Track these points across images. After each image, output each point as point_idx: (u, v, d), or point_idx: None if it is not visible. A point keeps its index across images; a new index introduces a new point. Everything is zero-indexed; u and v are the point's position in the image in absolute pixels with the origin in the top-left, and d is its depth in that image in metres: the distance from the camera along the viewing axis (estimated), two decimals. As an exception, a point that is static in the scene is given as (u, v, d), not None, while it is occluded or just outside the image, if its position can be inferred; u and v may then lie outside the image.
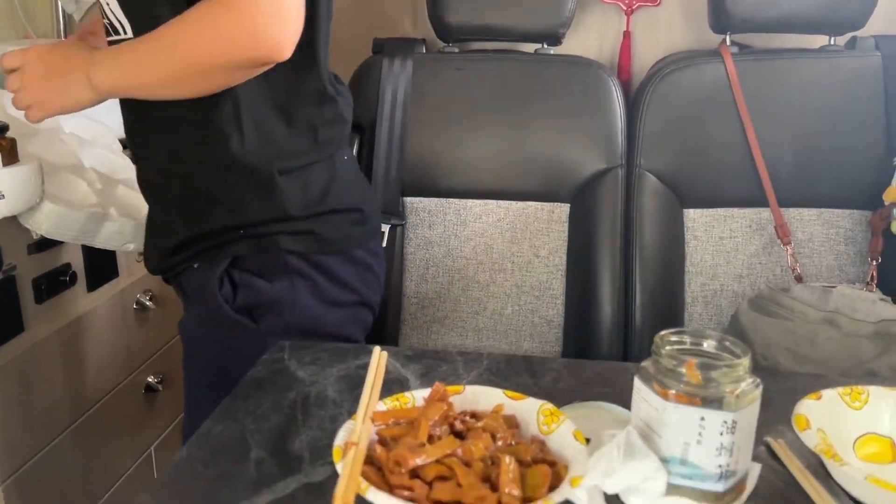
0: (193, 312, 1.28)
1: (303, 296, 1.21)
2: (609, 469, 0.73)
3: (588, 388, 1.07)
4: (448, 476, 0.76)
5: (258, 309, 1.21)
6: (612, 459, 0.74)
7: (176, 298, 1.41)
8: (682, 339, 0.84)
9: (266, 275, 1.20)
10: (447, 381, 1.08)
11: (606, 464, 0.74)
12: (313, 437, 0.94)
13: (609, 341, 1.80)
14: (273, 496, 0.82)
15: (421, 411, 0.83)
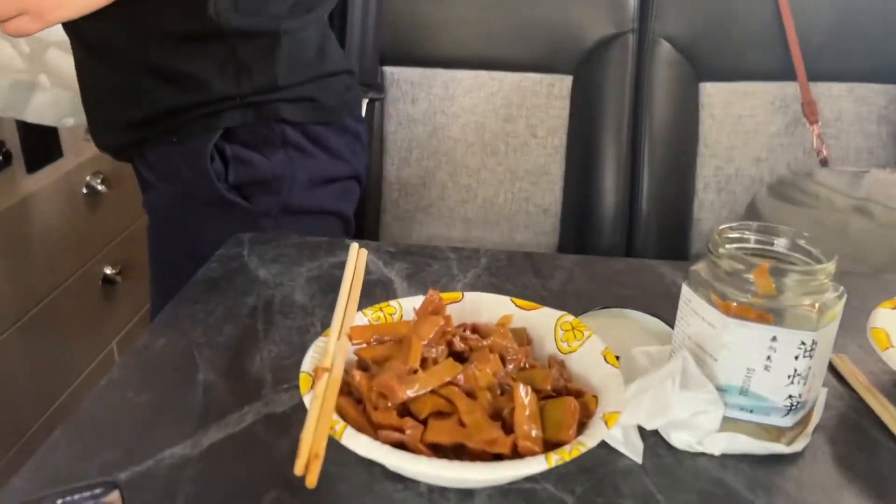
0: (164, 192, 1.15)
1: (301, 171, 1.11)
2: (661, 406, 0.57)
3: (605, 291, 0.90)
4: (447, 412, 0.59)
5: (252, 187, 1.10)
6: (664, 395, 0.57)
7: (133, 181, 1.22)
8: (746, 235, 0.66)
9: (262, 149, 1.09)
10: (440, 285, 0.91)
11: (656, 400, 0.57)
12: (277, 355, 0.76)
13: (611, 233, 1.63)
14: (224, 431, 0.65)
15: (411, 327, 0.66)
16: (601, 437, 0.56)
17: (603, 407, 0.60)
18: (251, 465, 0.62)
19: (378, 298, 0.87)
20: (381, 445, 0.55)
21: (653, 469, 0.62)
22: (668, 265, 0.96)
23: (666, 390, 0.57)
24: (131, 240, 2.02)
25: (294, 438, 0.60)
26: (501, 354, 0.66)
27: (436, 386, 0.60)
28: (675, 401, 0.56)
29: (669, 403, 0.56)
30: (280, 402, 0.69)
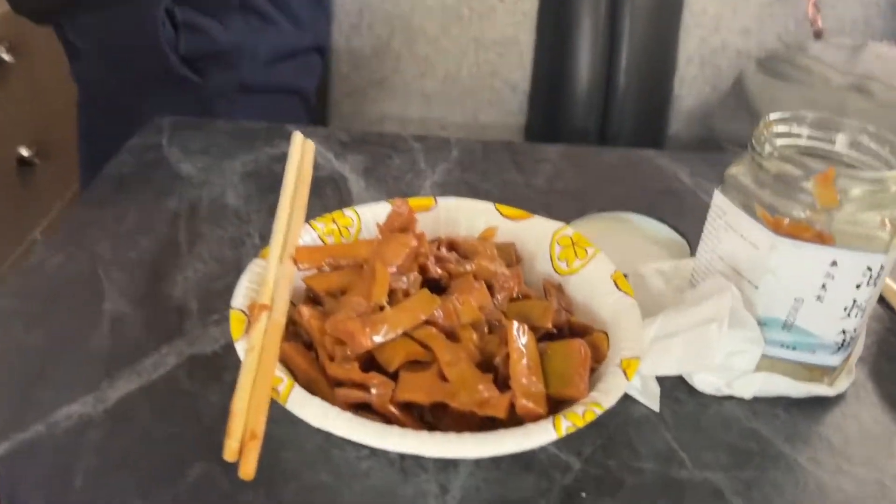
0: (99, 63, 0.98)
1: (261, 42, 0.97)
2: (698, 356, 0.45)
3: (599, 189, 0.77)
4: (424, 360, 0.46)
5: (206, 60, 0.95)
6: (704, 342, 0.45)
7: (49, 48, 1.03)
8: (795, 129, 0.52)
9: (218, 14, 0.94)
10: (404, 183, 0.75)
11: (691, 346, 0.45)
12: (205, 276, 0.62)
13: (585, 112, 1.47)
14: (137, 381, 0.52)
15: (374, 249, 0.51)
16: (620, 392, 0.44)
17: (617, 349, 0.48)
18: (172, 426, 0.48)
19: (329, 201, 0.72)
20: (339, 412, 0.42)
21: (673, 419, 0.51)
22: (668, 156, 0.83)
23: (709, 337, 0.44)
24: (50, 116, 1.79)
25: (229, 388, 0.47)
26: (488, 281, 0.52)
27: (408, 327, 0.47)
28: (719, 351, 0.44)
29: (712, 354, 0.44)
30: (209, 338, 0.55)
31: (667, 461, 0.48)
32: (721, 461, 0.48)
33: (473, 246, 0.57)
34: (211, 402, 0.50)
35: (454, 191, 0.74)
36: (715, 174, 0.78)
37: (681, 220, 0.69)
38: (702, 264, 0.54)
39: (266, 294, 0.49)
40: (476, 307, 0.50)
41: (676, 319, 0.47)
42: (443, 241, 0.58)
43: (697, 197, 0.76)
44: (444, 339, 0.47)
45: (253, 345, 0.44)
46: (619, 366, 0.45)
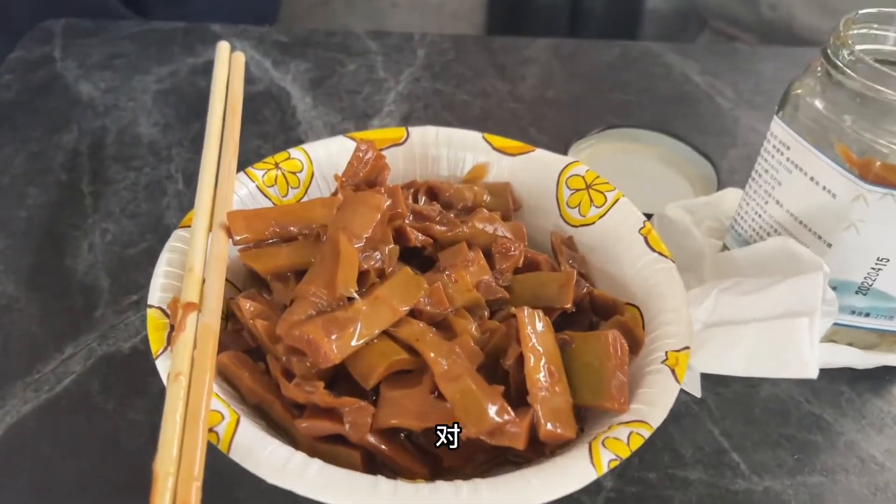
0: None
1: None
2: (784, 358, 0.34)
3: (599, 97, 0.64)
4: (410, 369, 0.35)
5: None
6: (793, 345, 0.34)
7: None
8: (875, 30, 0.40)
9: None
10: (364, 101, 0.61)
11: (776, 348, 0.34)
12: (117, 239, 0.48)
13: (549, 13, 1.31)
14: (34, 397, 0.39)
15: (337, 216, 0.38)
16: (670, 402, 0.34)
17: (657, 335, 0.37)
18: (82, 461, 0.37)
19: (268, 126, 0.58)
20: (304, 463, 0.31)
21: (718, 407, 0.41)
22: (676, 51, 0.70)
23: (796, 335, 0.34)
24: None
25: (157, 400, 0.36)
26: (485, 247, 0.40)
27: (387, 325, 0.35)
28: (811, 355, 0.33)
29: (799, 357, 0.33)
30: (126, 330, 0.43)
31: (717, 467, 0.38)
32: (782, 462, 0.39)
33: (460, 192, 0.45)
34: (134, 422, 0.39)
35: (424, 106, 0.61)
36: (732, 72, 0.65)
37: (698, 134, 0.58)
38: (750, 211, 0.43)
39: (193, 285, 0.36)
40: (472, 285, 0.38)
41: (739, 301, 0.36)
42: (419, 185, 0.46)
43: (714, 102, 0.64)
44: (435, 340, 0.35)
45: (179, 370, 0.32)
46: (665, 362, 0.35)
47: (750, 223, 0.43)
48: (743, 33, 1.32)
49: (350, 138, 0.46)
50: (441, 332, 0.37)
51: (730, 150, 0.59)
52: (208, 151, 0.43)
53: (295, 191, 0.45)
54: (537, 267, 0.41)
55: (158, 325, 0.35)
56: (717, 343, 0.35)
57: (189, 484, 0.29)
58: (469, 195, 0.45)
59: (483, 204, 0.45)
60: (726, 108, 0.63)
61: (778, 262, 0.37)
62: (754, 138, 0.60)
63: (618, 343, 0.35)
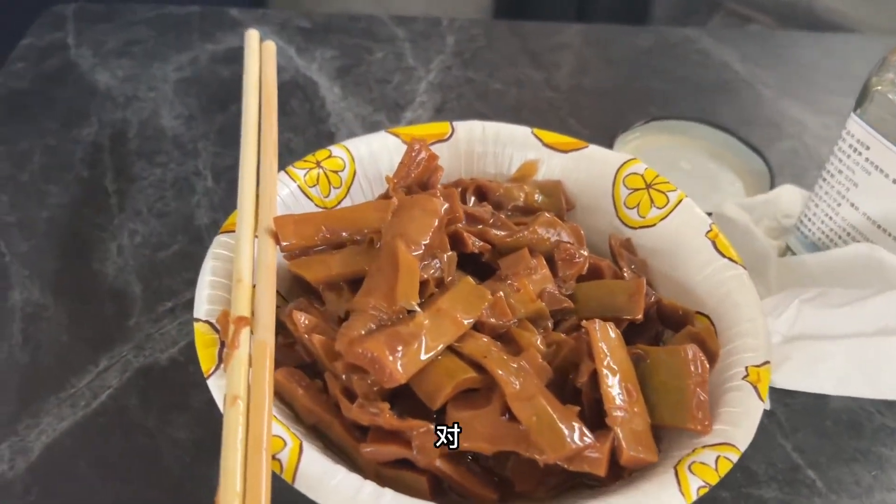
0: None
1: None
2: (881, 379, 0.32)
3: (637, 86, 0.61)
4: (476, 388, 0.33)
5: None
6: (890, 365, 0.32)
7: None
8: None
9: None
10: (395, 91, 0.58)
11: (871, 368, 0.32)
12: (146, 241, 0.46)
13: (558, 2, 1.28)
14: (68, 416, 0.37)
15: (392, 222, 0.36)
16: (755, 422, 0.32)
17: (732, 348, 0.35)
18: (124, 484, 0.35)
19: (297, 119, 0.55)
20: (376, 491, 0.29)
21: (788, 419, 0.39)
22: (714, 37, 0.67)
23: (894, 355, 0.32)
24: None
25: (200, 416, 0.34)
26: (547, 253, 0.38)
27: (452, 340, 0.33)
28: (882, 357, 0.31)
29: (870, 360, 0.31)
30: (163, 339, 0.41)
31: (792, 485, 0.37)
32: (859, 478, 0.37)
33: (510, 191, 0.43)
34: (177, 440, 0.36)
35: (457, 96, 0.58)
36: (772, 59, 0.63)
37: (742, 125, 0.55)
38: (820, 212, 0.40)
39: (243, 297, 0.34)
40: (535, 295, 0.36)
41: (825, 314, 0.34)
42: (468, 185, 0.43)
43: (755, 91, 0.61)
44: (503, 357, 0.33)
45: (236, 392, 0.30)
46: (747, 378, 0.33)
47: (819, 226, 0.41)
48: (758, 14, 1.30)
49: (393, 134, 0.44)
50: (505, 346, 0.34)
51: (777, 143, 0.56)
52: (247, 149, 0.41)
53: (337, 190, 0.42)
54: (600, 273, 0.39)
55: (207, 340, 0.33)
56: (803, 359, 0.34)
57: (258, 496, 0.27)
58: (520, 194, 0.43)
59: (535, 204, 0.43)
60: (769, 97, 0.61)
61: (861, 271, 0.35)
62: (800, 130, 0.58)
63: (697, 359, 0.33)
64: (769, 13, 1.24)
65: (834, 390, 0.33)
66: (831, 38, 0.70)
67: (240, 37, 0.62)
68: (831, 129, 0.58)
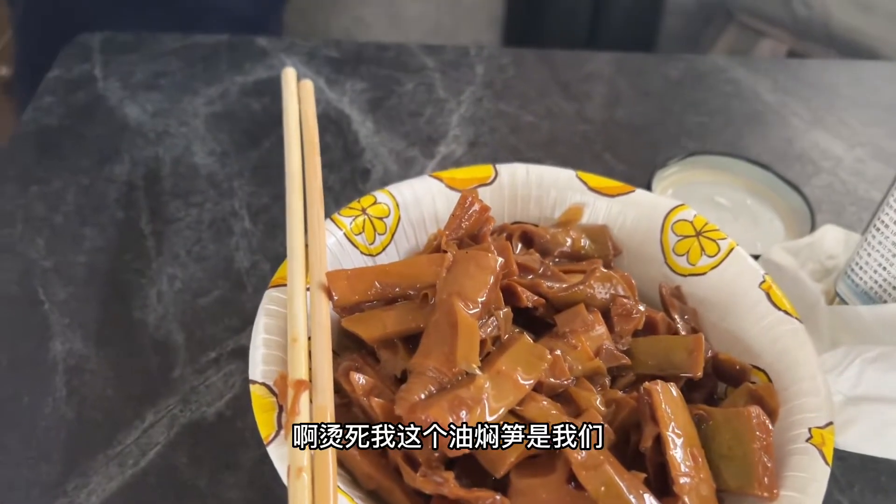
0: None
1: None
2: None
3: (671, 119, 0.61)
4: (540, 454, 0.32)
5: None
6: None
7: None
8: None
9: None
10: (427, 124, 0.58)
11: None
12: (185, 287, 0.45)
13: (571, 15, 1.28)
14: (117, 476, 0.36)
15: (446, 278, 0.35)
16: (822, 488, 0.31)
17: (792, 407, 0.34)
18: (181, 549, 0.34)
19: (332, 154, 0.55)
20: (444, 567, 0.28)
21: (844, 475, 0.39)
22: (744, 66, 0.67)
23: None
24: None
25: (251, 475, 0.33)
26: (602, 307, 0.38)
27: (514, 403, 0.33)
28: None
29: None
30: (209, 392, 0.40)
31: (853, 544, 0.36)
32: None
33: (556, 237, 0.42)
34: (228, 500, 0.36)
35: (490, 128, 0.58)
36: (804, 88, 0.63)
37: (775, 159, 0.55)
38: (872, 261, 0.40)
39: (300, 359, 0.33)
40: (592, 352, 0.36)
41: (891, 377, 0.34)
42: (513, 230, 0.43)
43: (787, 122, 0.61)
44: (563, 417, 0.33)
45: (300, 464, 0.30)
46: (811, 441, 0.32)
47: (872, 276, 0.40)
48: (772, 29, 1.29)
49: (436, 178, 0.43)
50: (563, 407, 0.34)
51: (812, 178, 0.56)
52: (292, 197, 0.40)
53: (382, 237, 0.42)
54: (655, 327, 0.38)
55: (265, 404, 0.32)
56: (870, 422, 0.33)
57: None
58: (566, 240, 0.42)
59: (582, 250, 0.42)
60: (802, 129, 0.60)
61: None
62: (834, 165, 0.58)
63: (762, 421, 0.33)
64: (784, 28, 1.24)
65: None
66: (860, 66, 0.69)
67: (268, 67, 0.61)
68: (865, 164, 0.57)
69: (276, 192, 0.49)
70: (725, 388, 0.38)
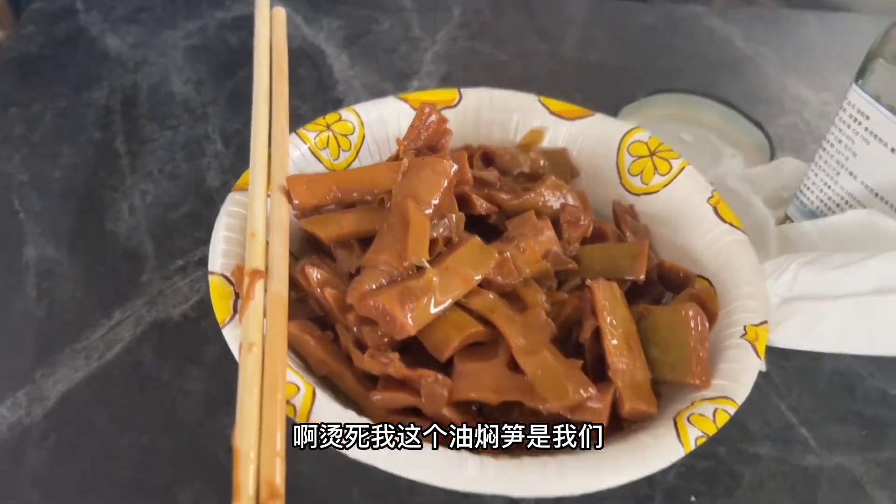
0: None
1: None
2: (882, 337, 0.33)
3: (643, 60, 0.62)
4: (483, 341, 0.34)
5: None
6: (890, 322, 0.33)
7: None
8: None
9: None
10: (401, 60, 0.59)
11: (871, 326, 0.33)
12: (156, 201, 0.47)
13: None
14: (83, 367, 0.38)
15: (402, 183, 0.37)
16: (752, 378, 0.33)
17: (732, 308, 0.36)
18: (140, 433, 0.36)
19: (305, 86, 0.56)
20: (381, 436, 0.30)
21: (783, 381, 0.40)
22: (717, 16, 0.68)
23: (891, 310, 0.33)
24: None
25: (212, 370, 0.35)
26: (553, 216, 0.39)
27: (460, 296, 0.34)
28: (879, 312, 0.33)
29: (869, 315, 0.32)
30: (175, 295, 0.41)
31: (786, 443, 0.38)
32: (851, 437, 0.38)
33: (516, 157, 0.44)
34: (190, 393, 0.37)
35: (463, 65, 0.59)
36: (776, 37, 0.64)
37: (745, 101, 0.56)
38: (818, 182, 0.41)
39: (257, 251, 0.34)
40: (541, 255, 0.37)
41: (823, 276, 0.35)
42: (475, 150, 0.44)
43: (758, 68, 0.62)
44: (509, 313, 0.34)
45: (251, 340, 0.31)
46: (745, 337, 0.34)
47: (818, 194, 0.42)
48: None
49: (402, 99, 0.44)
50: (511, 304, 0.35)
51: (778, 118, 0.57)
52: (258, 112, 0.42)
53: (346, 153, 0.43)
54: (604, 237, 0.40)
55: (223, 292, 0.33)
56: (801, 319, 0.35)
57: (273, 460, 0.28)
58: (526, 161, 0.44)
59: (541, 170, 0.44)
60: (772, 74, 0.62)
61: (859, 236, 0.36)
62: (801, 106, 0.59)
63: (698, 318, 0.34)
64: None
65: (832, 349, 0.34)
66: (833, 17, 0.70)
67: (247, 4, 0.62)
68: (831, 106, 0.59)
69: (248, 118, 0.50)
70: (672, 296, 0.39)
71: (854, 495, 0.36)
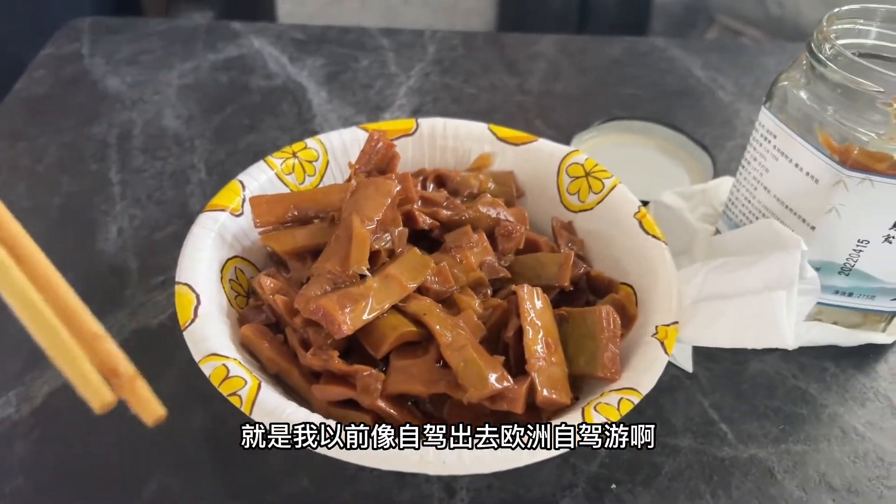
0: None
1: None
2: (764, 329, 0.36)
3: (604, 90, 0.66)
4: (418, 340, 0.38)
5: None
6: (771, 316, 0.36)
7: None
8: (861, 26, 0.42)
9: None
10: (374, 91, 0.64)
11: (757, 321, 0.37)
12: (143, 224, 0.51)
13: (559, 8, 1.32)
14: (72, 369, 0.43)
15: (350, 200, 0.41)
16: (658, 371, 0.36)
17: (649, 311, 0.39)
18: (119, 426, 0.40)
19: (286, 119, 0.61)
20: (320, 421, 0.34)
21: (708, 381, 0.43)
22: (681, 47, 0.72)
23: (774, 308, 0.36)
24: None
25: (184, 372, 0.39)
26: (489, 230, 0.43)
27: (397, 300, 0.38)
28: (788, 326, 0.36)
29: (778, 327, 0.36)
30: (154, 307, 0.46)
31: (706, 436, 0.41)
32: (768, 431, 0.41)
33: (466, 179, 0.48)
34: (161, 390, 0.41)
35: (434, 98, 0.64)
36: (734, 67, 0.68)
37: (699, 126, 0.60)
38: (740, 196, 0.45)
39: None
40: (476, 265, 0.41)
41: (725, 278, 0.39)
42: (428, 174, 0.48)
43: (714, 96, 0.66)
44: (441, 315, 0.38)
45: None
46: (655, 336, 0.37)
47: (740, 208, 0.45)
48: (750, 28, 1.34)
49: (362, 129, 0.49)
50: (447, 309, 0.39)
51: (728, 142, 0.61)
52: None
53: (311, 178, 0.48)
54: (537, 248, 0.44)
55: (186, 300, 0.38)
56: (704, 317, 0.38)
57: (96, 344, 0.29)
58: (475, 182, 0.48)
59: (488, 191, 0.48)
60: (726, 101, 0.65)
61: (763, 241, 0.40)
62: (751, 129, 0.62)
63: (610, 317, 0.38)
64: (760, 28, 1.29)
65: (729, 343, 0.37)
66: (792, 47, 0.74)
67: (238, 46, 0.68)
68: (781, 130, 0.62)
69: (232, 149, 0.55)
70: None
71: (765, 483, 0.39)
